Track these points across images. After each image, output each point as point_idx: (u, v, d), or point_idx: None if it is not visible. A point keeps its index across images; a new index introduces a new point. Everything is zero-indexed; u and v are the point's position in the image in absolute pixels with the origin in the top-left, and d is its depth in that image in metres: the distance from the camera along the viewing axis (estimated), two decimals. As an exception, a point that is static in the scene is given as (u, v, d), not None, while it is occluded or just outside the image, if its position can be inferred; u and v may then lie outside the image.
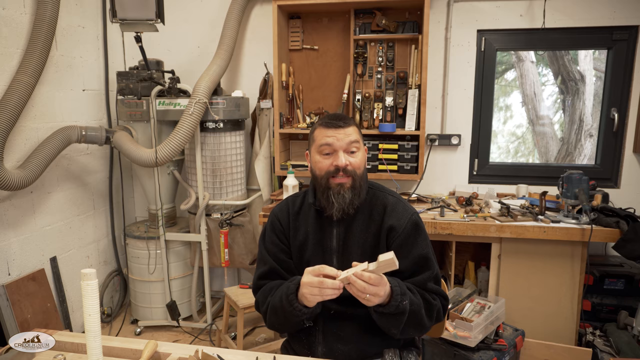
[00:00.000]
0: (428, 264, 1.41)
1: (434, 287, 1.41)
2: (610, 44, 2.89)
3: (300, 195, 1.57)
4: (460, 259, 2.91)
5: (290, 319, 1.34)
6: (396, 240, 1.41)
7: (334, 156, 1.40)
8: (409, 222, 1.42)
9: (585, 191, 2.42)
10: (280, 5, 2.81)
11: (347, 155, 1.40)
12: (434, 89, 3.07)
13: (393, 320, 1.31)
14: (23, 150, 2.54)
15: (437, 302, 1.40)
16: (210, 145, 2.91)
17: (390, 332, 1.35)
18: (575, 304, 2.49)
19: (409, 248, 1.40)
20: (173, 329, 3.12)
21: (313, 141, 1.45)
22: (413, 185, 3.11)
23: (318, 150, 1.42)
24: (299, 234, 1.49)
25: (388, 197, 1.48)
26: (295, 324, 1.37)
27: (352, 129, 1.41)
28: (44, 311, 2.62)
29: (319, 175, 1.42)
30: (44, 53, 2.49)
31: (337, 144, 1.38)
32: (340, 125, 1.39)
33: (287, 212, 1.53)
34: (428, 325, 1.39)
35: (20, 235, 2.58)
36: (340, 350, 1.43)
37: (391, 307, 1.27)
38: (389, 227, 1.41)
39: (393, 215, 1.43)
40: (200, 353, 1.22)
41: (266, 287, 1.48)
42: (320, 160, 1.42)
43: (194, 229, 3.05)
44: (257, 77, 3.16)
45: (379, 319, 1.32)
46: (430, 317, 1.38)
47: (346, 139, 1.39)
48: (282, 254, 1.50)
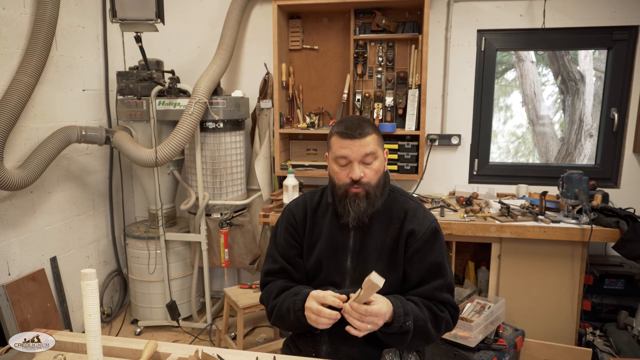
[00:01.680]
0: (441, 272, 1.40)
1: (444, 297, 1.39)
2: (610, 44, 2.89)
3: (318, 192, 1.57)
4: (460, 259, 2.91)
5: (300, 328, 1.41)
6: (414, 245, 1.40)
7: (349, 167, 1.39)
8: (429, 228, 1.42)
9: (585, 191, 2.42)
10: (280, 5, 2.81)
11: (362, 166, 1.39)
12: (434, 89, 3.07)
13: (397, 339, 1.33)
14: (23, 150, 2.55)
15: (446, 314, 1.38)
16: (210, 145, 2.91)
17: (397, 347, 1.38)
18: (575, 304, 2.49)
19: (424, 254, 1.40)
20: (173, 329, 3.12)
21: (330, 148, 1.45)
22: (413, 185, 3.11)
23: (334, 160, 1.42)
24: (314, 232, 1.49)
25: (409, 202, 1.48)
26: (301, 330, 1.43)
27: (369, 139, 1.38)
28: (44, 311, 2.62)
29: (337, 185, 1.43)
30: (44, 53, 2.49)
31: (352, 156, 1.37)
32: (356, 137, 1.37)
33: (304, 209, 1.53)
34: (435, 337, 1.38)
35: (20, 235, 2.58)
36: (345, 352, 1.43)
37: (394, 328, 1.29)
38: (410, 231, 1.41)
39: (414, 220, 1.43)
40: (200, 353, 1.22)
41: (271, 286, 1.49)
42: (337, 171, 1.42)
43: (194, 229, 3.05)
44: (257, 77, 3.15)
45: (383, 338, 1.34)
46: (438, 330, 1.38)
47: (361, 151, 1.37)
48: (292, 251, 1.50)
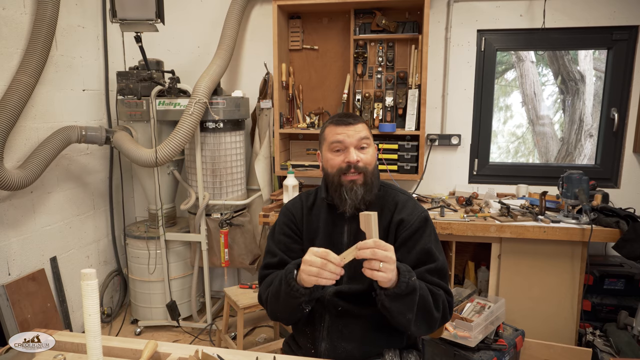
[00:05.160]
0: (432, 258, 1.39)
1: (435, 280, 1.37)
2: (610, 44, 2.89)
3: (312, 192, 1.59)
4: (460, 259, 2.91)
5: (288, 301, 1.31)
6: (404, 233, 1.41)
7: (345, 153, 1.41)
8: (419, 217, 1.43)
9: (585, 191, 2.42)
10: (280, 5, 2.81)
11: (358, 151, 1.42)
12: (434, 89, 3.07)
13: (406, 301, 1.25)
14: (23, 150, 2.55)
15: (441, 292, 1.36)
16: (210, 145, 2.91)
17: (406, 318, 1.27)
18: (575, 304, 2.49)
19: (414, 242, 1.40)
20: (173, 329, 3.12)
21: (324, 140, 1.47)
22: (413, 185, 3.11)
23: (329, 147, 1.44)
24: (311, 228, 1.50)
25: (400, 195, 1.49)
26: (294, 308, 1.33)
27: (361, 126, 1.44)
28: (44, 311, 2.62)
29: (331, 173, 1.44)
30: (44, 53, 2.49)
31: (348, 140, 1.41)
32: (350, 122, 1.43)
33: (300, 207, 1.55)
34: (436, 317, 1.33)
35: (20, 235, 2.58)
36: (344, 348, 1.43)
37: (402, 285, 1.22)
38: (399, 220, 1.42)
39: (404, 211, 1.44)
40: (200, 353, 1.22)
41: (269, 277, 1.48)
42: (332, 158, 1.44)
43: (194, 229, 3.05)
44: (257, 77, 3.15)
45: (392, 304, 1.25)
46: (437, 307, 1.34)
47: (356, 135, 1.41)
48: (293, 245, 1.51)
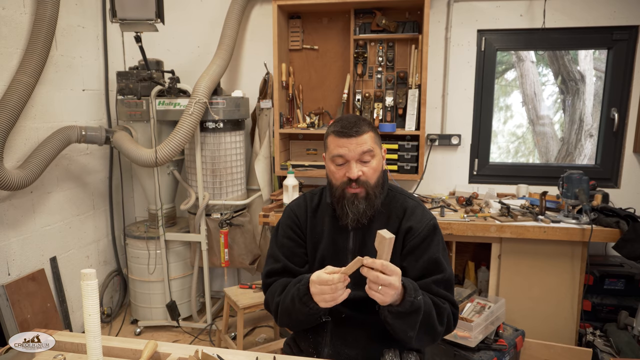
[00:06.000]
0: (439, 268, 1.37)
1: (441, 292, 1.35)
2: (610, 44, 2.89)
3: (317, 192, 1.56)
4: (460, 259, 2.91)
5: (307, 319, 1.34)
6: (412, 241, 1.38)
7: (347, 167, 1.37)
8: (427, 225, 1.40)
9: (586, 191, 2.42)
10: (280, 5, 2.81)
11: (361, 165, 1.36)
12: (434, 89, 3.07)
13: (409, 320, 1.24)
14: (23, 150, 2.54)
15: (447, 306, 1.34)
16: (210, 145, 2.90)
17: (407, 335, 1.27)
18: (575, 304, 2.49)
19: (422, 251, 1.38)
20: (173, 329, 3.12)
21: (327, 148, 1.43)
22: (413, 185, 3.11)
23: (331, 159, 1.40)
24: (315, 231, 1.48)
25: (408, 200, 1.46)
26: (312, 322, 1.38)
27: (366, 137, 1.36)
28: (44, 311, 2.62)
29: (335, 185, 1.41)
30: (43, 53, 2.49)
31: (350, 155, 1.35)
32: (353, 135, 1.35)
33: (305, 208, 1.52)
34: (440, 331, 1.32)
35: (20, 235, 2.58)
36: (346, 355, 1.42)
37: (406, 304, 1.21)
38: (408, 228, 1.40)
39: (412, 218, 1.41)
40: (200, 353, 1.22)
41: (274, 285, 1.46)
42: (334, 171, 1.40)
43: (194, 229, 3.05)
44: (257, 77, 3.15)
45: (395, 321, 1.25)
46: (441, 322, 1.32)
47: (358, 149, 1.35)
48: (297, 249, 1.49)
